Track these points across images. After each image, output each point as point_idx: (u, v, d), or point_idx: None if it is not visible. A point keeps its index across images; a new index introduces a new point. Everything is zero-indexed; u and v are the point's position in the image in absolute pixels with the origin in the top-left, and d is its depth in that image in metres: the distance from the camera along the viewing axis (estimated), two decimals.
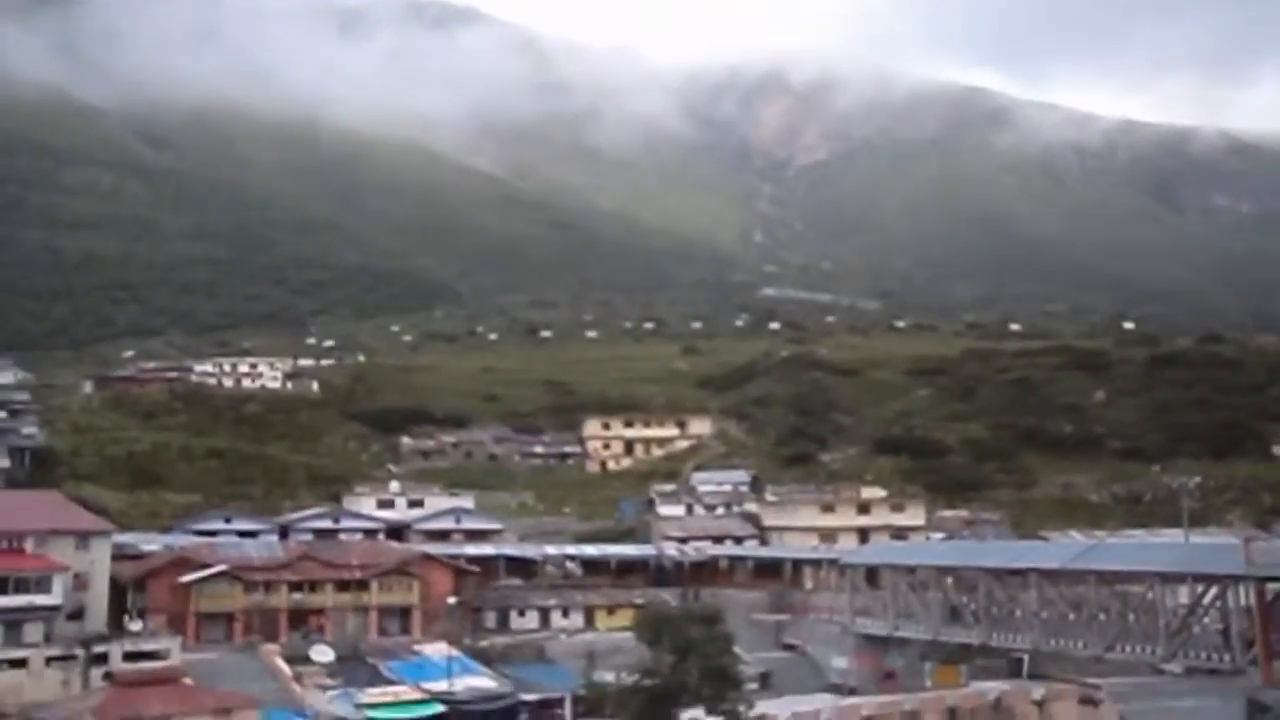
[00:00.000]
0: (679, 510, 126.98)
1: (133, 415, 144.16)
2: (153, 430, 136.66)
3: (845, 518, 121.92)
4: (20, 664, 70.08)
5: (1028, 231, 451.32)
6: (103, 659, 72.62)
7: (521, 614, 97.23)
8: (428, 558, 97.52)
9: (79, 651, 72.53)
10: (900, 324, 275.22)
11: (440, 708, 74.81)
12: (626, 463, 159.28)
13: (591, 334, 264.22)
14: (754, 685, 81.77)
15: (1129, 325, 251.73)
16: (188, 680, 71.34)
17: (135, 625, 78.86)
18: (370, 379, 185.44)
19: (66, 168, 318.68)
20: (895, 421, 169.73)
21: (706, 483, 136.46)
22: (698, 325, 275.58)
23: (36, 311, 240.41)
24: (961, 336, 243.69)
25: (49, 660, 71.26)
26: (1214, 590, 73.35)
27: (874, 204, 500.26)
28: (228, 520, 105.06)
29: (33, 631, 73.33)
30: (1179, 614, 77.30)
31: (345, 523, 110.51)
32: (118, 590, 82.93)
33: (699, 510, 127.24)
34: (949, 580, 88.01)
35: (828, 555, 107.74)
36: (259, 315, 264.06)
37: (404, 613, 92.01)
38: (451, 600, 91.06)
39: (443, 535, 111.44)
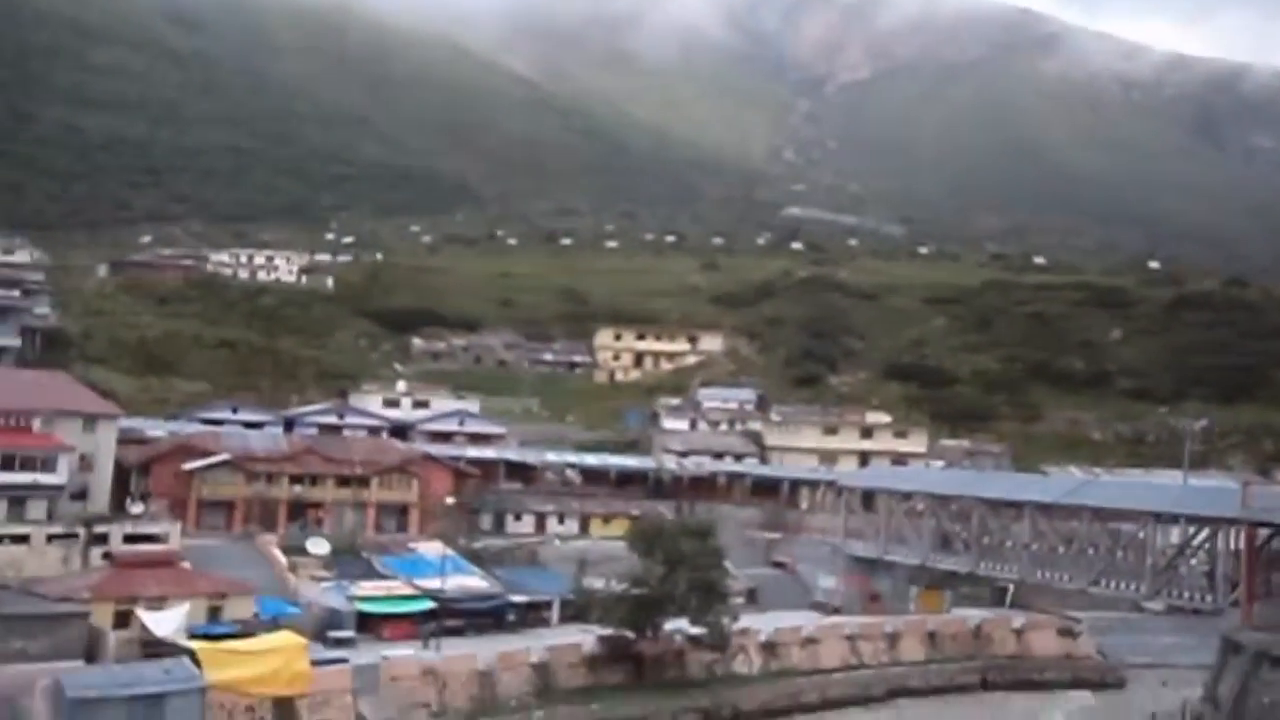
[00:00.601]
0: (683, 425, 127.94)
1: (146, 301, 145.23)
2: (166, 317, 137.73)
3: (847, 441, 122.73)
4: (22, 539, 71.31)
5: (1064, 163, 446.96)
6: (103, 539, 73.84)
7: (518, 518, 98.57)
8: (429, 458, 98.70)
9: (80, 530, 73.80)
10: (923, 251, 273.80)
11: (430, 604, 75.99)
12: (635, 375, 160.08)
13: (612, 244, 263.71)
14: (740, 600, 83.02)
15: (1154, 264, 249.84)
16: (185, 564, 72.30)
17: (137, 508, 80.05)
18: (385, 278, 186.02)
19: (96, 46, 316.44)
20: (908, 348, 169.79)
21: (712, 399, 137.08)
22: (719, 241, 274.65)
23: (55, 192, 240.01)
24: (984, 267, 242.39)
25: (50, 537, 72.57)
26: (1205, 532, 74.03)
27: (910, 127, 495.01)
28: (234, 410, 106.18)
29: (36, 509, 74.48)
30: (1167, 554, 78.10)
31: (350, 419, 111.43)
32: (122, 473, 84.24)
33: (703, 426, 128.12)
34: (943, 508, 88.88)
35: (825, 476, 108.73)
36: (279, 207, 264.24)
37: (402, 511, 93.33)
38: (449, 501, 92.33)
39: (446, 437, 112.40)
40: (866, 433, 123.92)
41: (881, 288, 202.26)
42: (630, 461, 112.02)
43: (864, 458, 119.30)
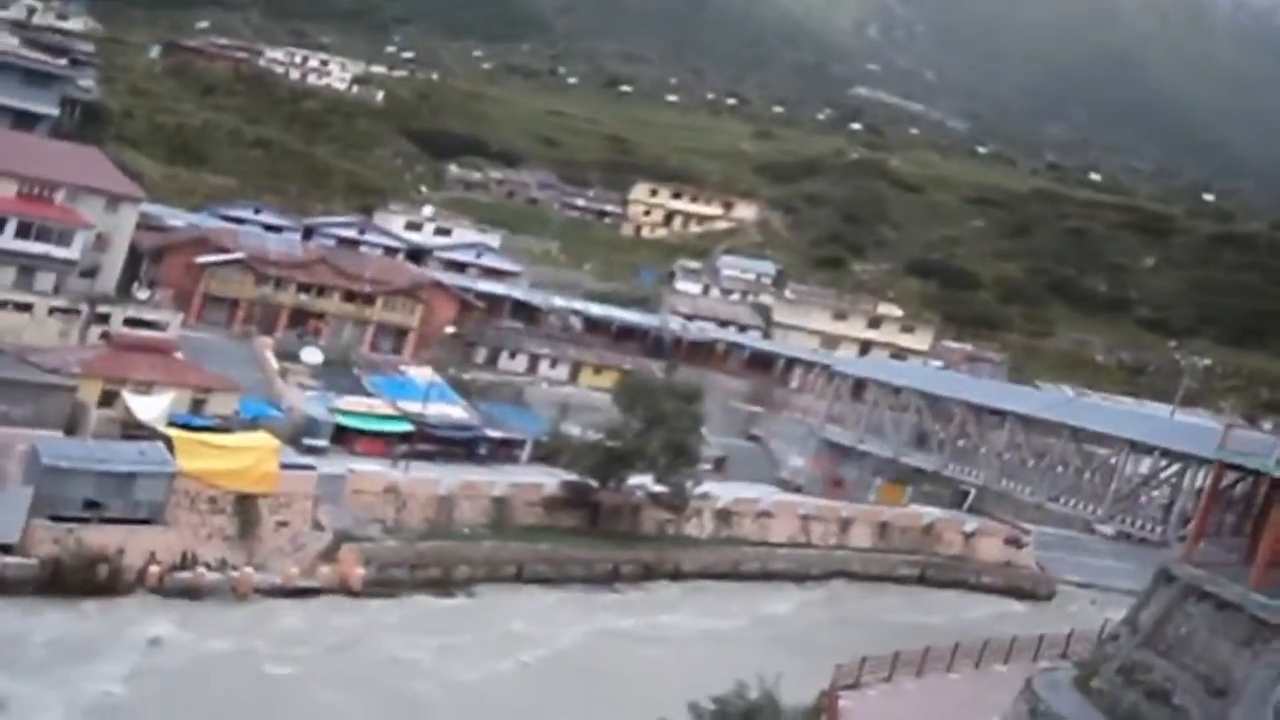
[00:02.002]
0: (695, 288, 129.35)
1: (192, 88, 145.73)
2: (208, 107, 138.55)
3: (853, 329, 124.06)
4: (26, 308, 73.12)
5: (1149, 79, 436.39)
6: (104, 319, 75.63)
7: (512, 356, 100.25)
8: (438, 285, 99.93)
9: (84, 307, 75.46)
10: (981, 150, 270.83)
11: (408, 426, 78.55)
12: (661, 233, 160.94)
13: (672, 98, 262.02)
14: (708, 466, 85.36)
15: (1208, 197, 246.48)
16: (179, 355, 74.23)
17: (142, 294, 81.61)
18: (436, 99, 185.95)
19: None
20: (938, 246, 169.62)
21: (731, 268, 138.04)
22: (779, 110, 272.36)
23: None
24: (1036, 175, 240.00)
25: (53, 310, 74.20)
26: (1175, 467, 75.60)
27: (1002, 22, 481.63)
28: (256, 211, 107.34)
29: (44, 280, 75.97)
30: (1133, 482, 79.86)
31: (369, 236, 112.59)
32: (134, 258, 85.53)
33: (715, 293, 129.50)
34: (928, 406, 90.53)
35: (821, 360, 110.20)
36: (344, 11, 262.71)
37: (400, 333, 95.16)
38: (449, 330, 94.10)
39: (460, 267, 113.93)
40: (874, 323, 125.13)
41: (928, 181, 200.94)
42: (634, 317, 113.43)
43: (865, 347, 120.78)
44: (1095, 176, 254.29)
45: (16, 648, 48.87)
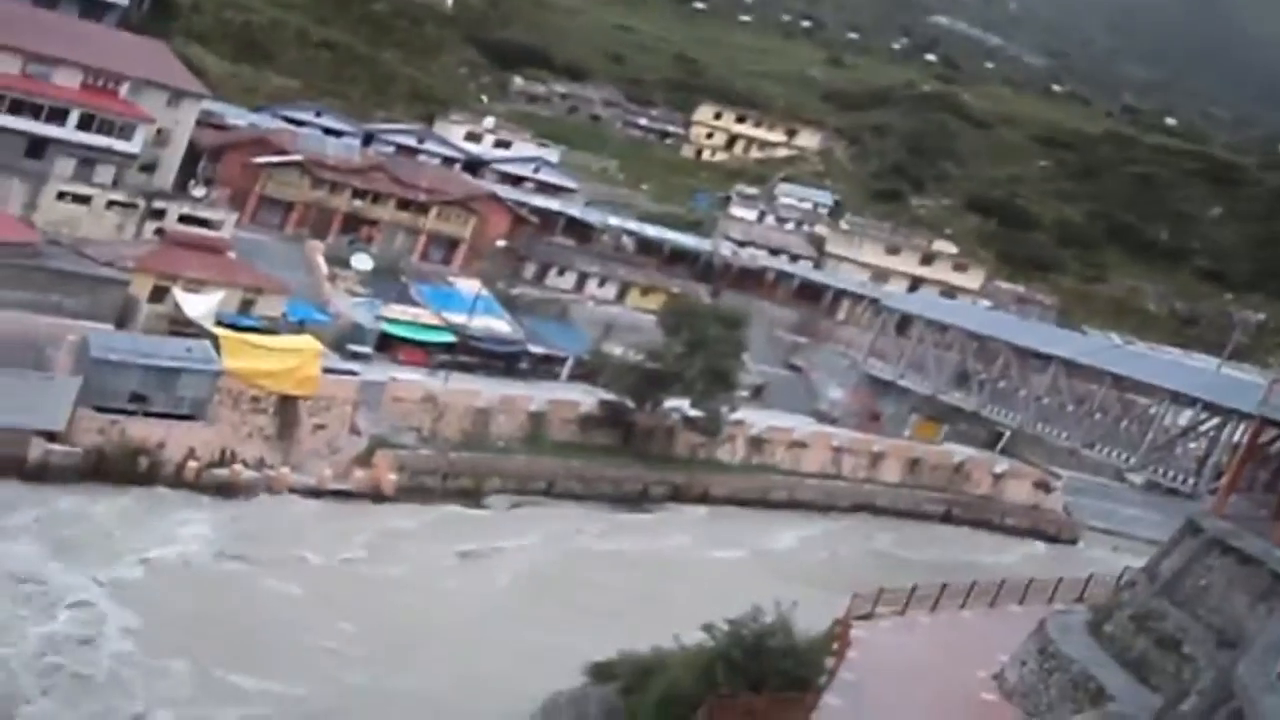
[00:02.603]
0: (751, 215, 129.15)
1: None
2: (276, 5, 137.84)
3: (906, 264, 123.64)
4: (84, 200, 74.15)
5: (1239, 22, 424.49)
6: (160, 215, 76.43)
7: (561, 273, 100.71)
8: (494, 198, 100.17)
9: (140, 202, 76.26)
10: (1057, 88, 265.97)
11: (451, 337, 79.68)
12: (722, 157, 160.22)
13: (745, 18, 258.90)
14: (746, 394, 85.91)
15: None
16: (231, 255, 75.36)
17: (199, 192, 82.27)
18: (505, 7, 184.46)
19: None
20: (1001, 185, 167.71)
21: (789, 195, 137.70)
22: (853, 36, 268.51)
23: None
24: (1110, 117, 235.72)
25: (111, 204, 75.13)
26: (1215, 420, 75.56)
27: None
28: (317, 114, 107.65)
29: (104, 173, 76.70)
30: (1170, 433, 79.93)
31: (428, 145, 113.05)
32: (193, 155, 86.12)
33: (770, 221, 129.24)
34: (973, 346, 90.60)
35: (870, 293, 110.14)
36: None
37: (452, 244, 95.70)
38: (500, 244, 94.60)
39: (516, 181, 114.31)
40: (927, 259, 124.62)
41: (998, 117, 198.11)
42: (687, 240, 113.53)
43: (915, 283, 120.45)
44: (1170, 122, 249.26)
45: (55, 530, 50.82)
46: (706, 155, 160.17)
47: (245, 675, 43.43)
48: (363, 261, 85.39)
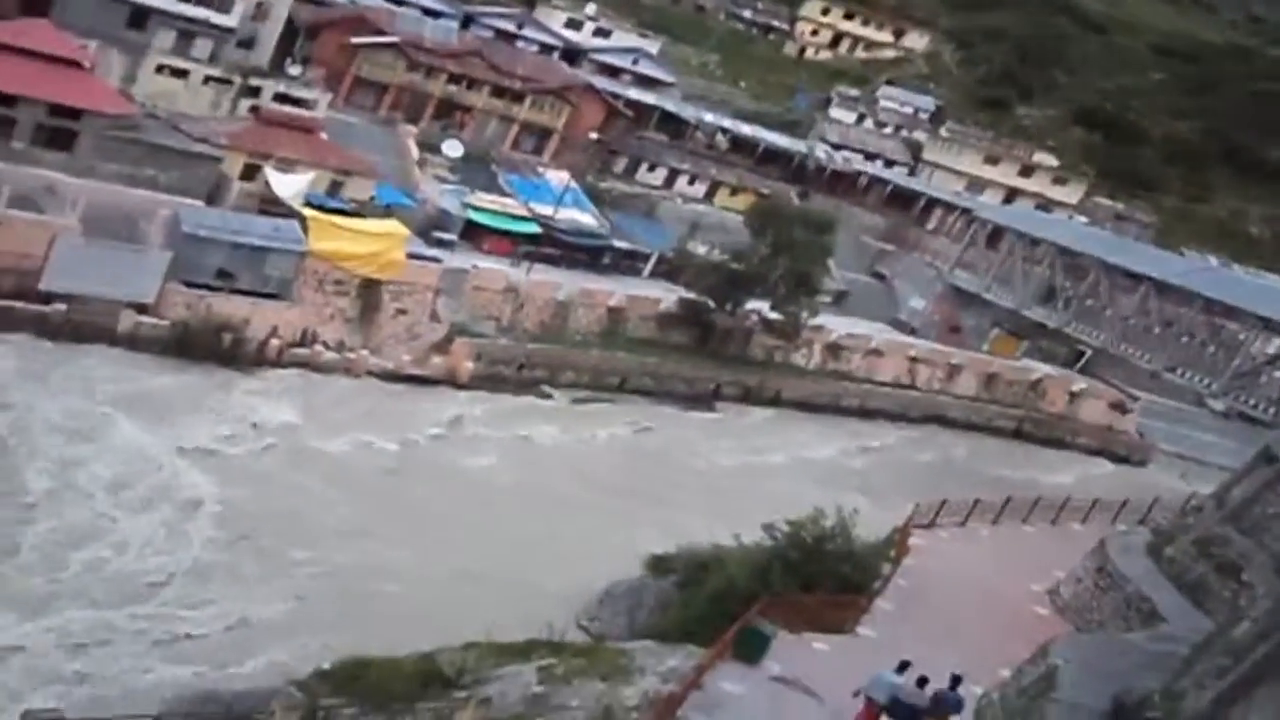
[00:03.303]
0: (849, 117, 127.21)
1: None
2: None
3: (1003, 175, 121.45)
4: (182, 74, 74.86)
5: None
6: (255, 92, 77.04)
7: (651, 169, 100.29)
8: (590, 89, 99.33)
9: (236, 79, 76.86)
10: None
11: (537, 229, 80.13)
12: (825, 55, 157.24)
13: None
14: (828, 299, 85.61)
15: None
16: (323, 135, 75.73)
17: (294, 70, 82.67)
18: None
19: None
20: (1111, 96, 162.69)
21: (891, 99, 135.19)
22: None
23: None
24: (1236, 28, 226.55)
25: (207, 79, 75.74)
26: None
27: None
28: None
29: (202, 47, 77.32)
30: (1257, 360, 78.55)
31: (527, 31, 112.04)
32: (290, 32, 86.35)
33: (868, 124, 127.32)
34: (1063, 262, 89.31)
35: (963, 203, 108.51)
36: None
37: (544, 134, 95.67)
38: (593, 136, 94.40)
39: (614, 72, 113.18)
40: (1026, 171, 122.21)
41: (1116, 23, 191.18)
42: (781, 140, 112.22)
43: (1011, 195, 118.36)
44: None
45: (139, 399, 52.59)
46: (810, 53, 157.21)
47: (303, 549, 44.88)
48: (453, 148, 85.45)
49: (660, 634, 36.60)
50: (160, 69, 74.28)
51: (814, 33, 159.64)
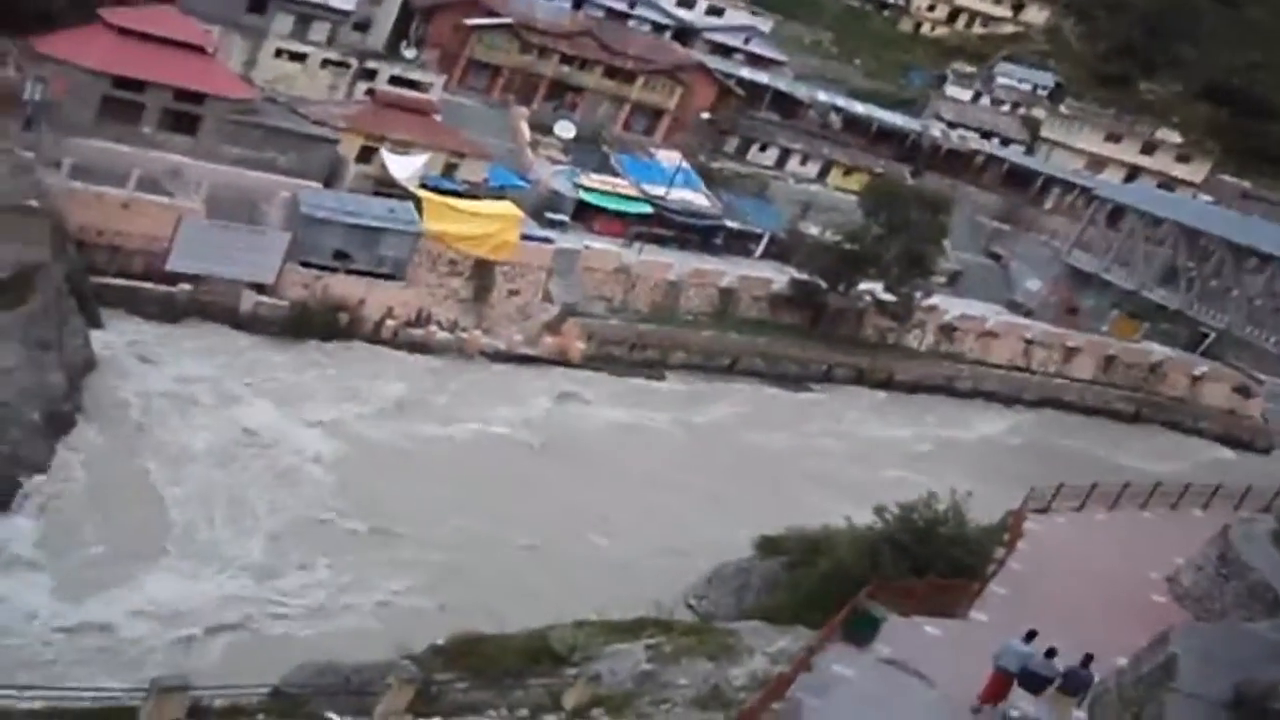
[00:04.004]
0: (965, 95, 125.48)
1: None
2: None
3: (1125, 152, 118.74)
4: (300, 58, 76.42)
5: None
6: (371, 75, 78.36)
7: (763, 148, 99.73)
8: (702, 68, 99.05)
9: (353, 62, 78.24)
10: None
11: (648, 209, 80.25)
12: (941, 32, 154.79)
13: None
14: (942, 279, 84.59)
15: None
16: (438, 118, 76.53)
17: (410, 53, 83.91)
18: None
19: None
20: (1240, 72, 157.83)
21: (1008, 76, 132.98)
22: None
23: None
24: None
25: (325, 62, 77.24)
26: None
27: None
28: None
29: (319, 31, 78.39)
30: None
31: (640, 10, 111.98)
32: (405, 15, 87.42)
33: (985, 101, 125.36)
34: (1186, 242, 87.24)
35: (1083, 181, 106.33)
36: None
37: (655, 115, 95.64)
38: (704, 116, 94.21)
39: (725, 51, 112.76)
40: (1148, 148, 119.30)
41: None
42: (896, 119, 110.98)
43: (1133, 173, 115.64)
44: None
45: (264, 377, 53.86)
46: (925, 29, 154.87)
47: (419, 525, 45.61)
48: (565, 129, 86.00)
49: (769, 615, 36.55)
50: (279, 53, 75.82)
51: (930, 8, 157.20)
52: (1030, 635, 26.00)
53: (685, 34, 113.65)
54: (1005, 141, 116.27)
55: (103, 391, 47.97)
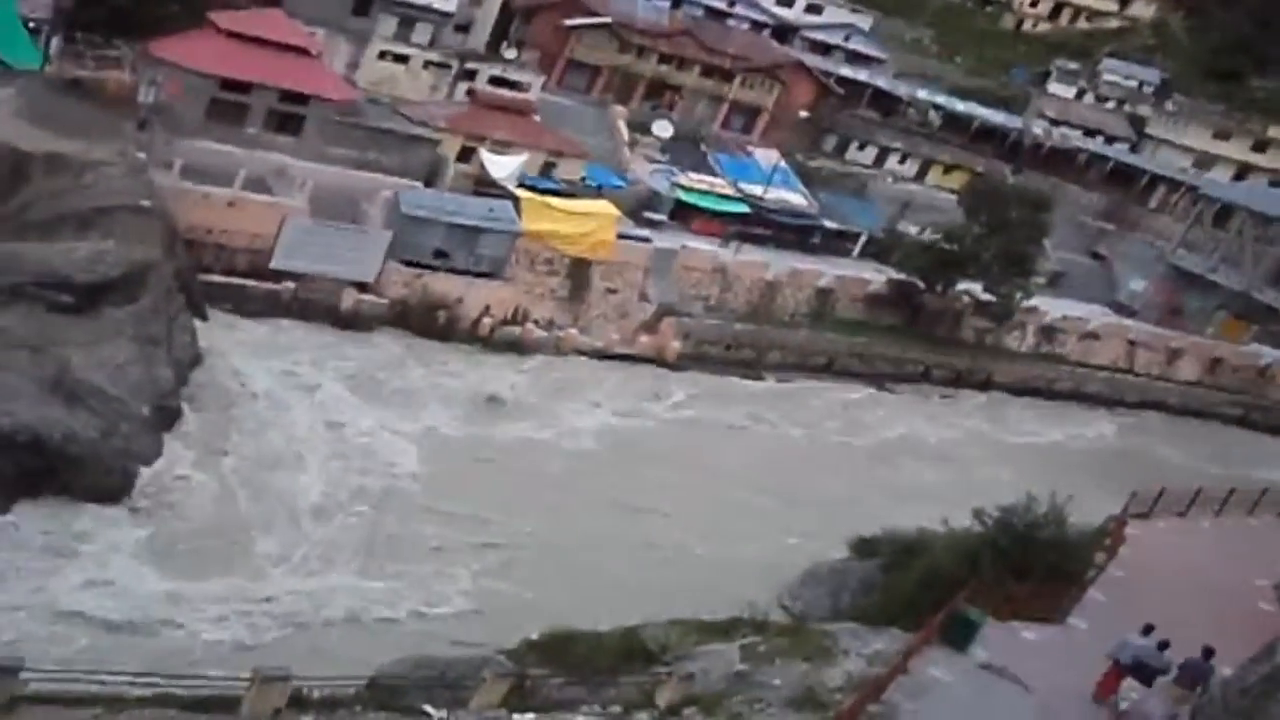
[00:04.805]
0: (1069, 92, 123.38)
1: None
2: None
3: (1235, 150, 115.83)
4: (402, 60, 77.47)
5: None
6: (471, 75, 79.13)
7: (861, 147, 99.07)
8: (801, 66, 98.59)
9: (454, 63, 79.15)
10: None
11: (746, 208, 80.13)
12: (1045, 28, 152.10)
13: None
14: (1042, 280, 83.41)
15: None
16: (536, 117, 77.12)
17: (510, 54, 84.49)
18: None
19: None
20: None
21: (1114, 72, 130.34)
22: None
23: None
24: None
25: (426, 64, 78.23)
26: None
27: None
28: None
29: (422, 33, 79.42)
30: None
31: (738, 9, 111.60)
32: (505, 16, 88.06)
33: (1088, 98, 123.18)
34: None
35: (1190, 179, 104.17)
36: None
37: (753, 113, 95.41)
38: (803, 115, 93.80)
39: (824, 49, 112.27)
40: (1260, 146, 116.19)
41: None
42: (997, 116, 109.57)
43: (1242, 171, 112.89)
44: None
45: (362, 374, 54.75)
46: (1028, 25, 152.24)
47: (514, 520, 46.07)
48: (663, 128, 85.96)
49: (864, 616, 36.37)
50: (382, 55, 76.96)
51: (1033, 4, 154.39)
52: (1148, 629, 26.20)
53: (784, 32, 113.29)
54: (1109, 139, 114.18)
55: (208, 386, 49.12)
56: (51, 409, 40.79)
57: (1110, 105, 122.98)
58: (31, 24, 58.80)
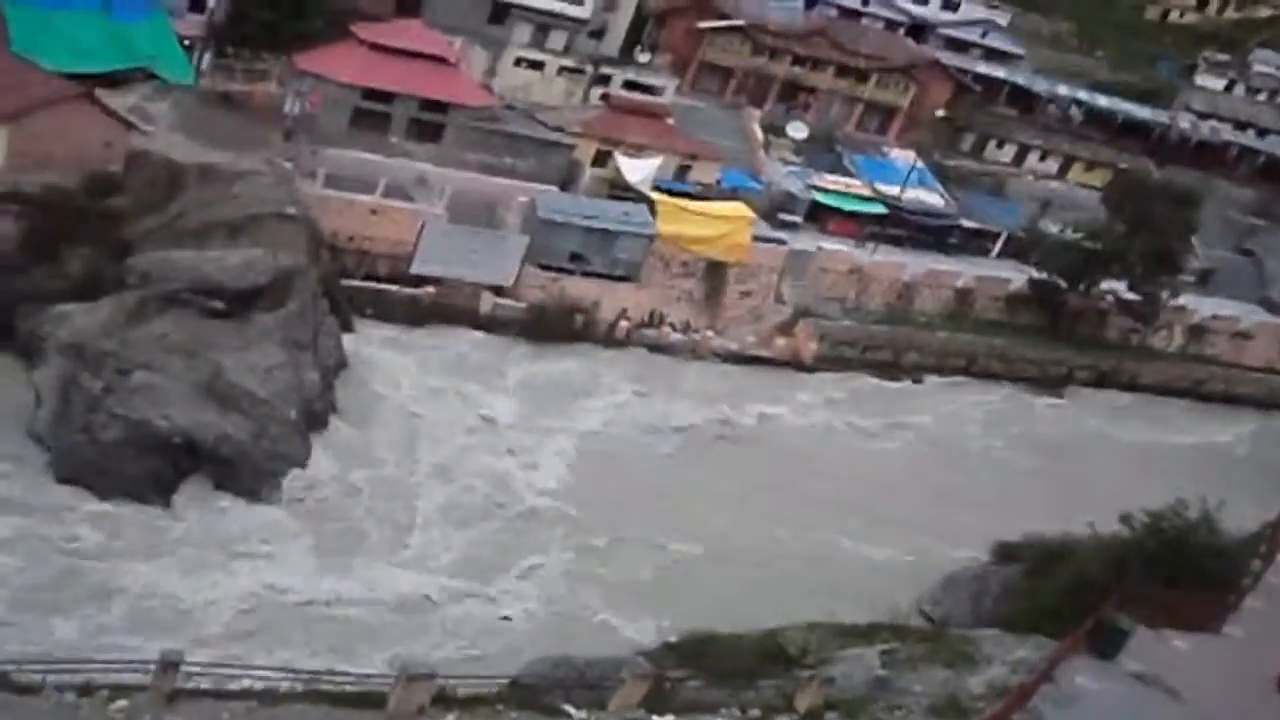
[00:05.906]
0: (1218, 84, 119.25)
1: None
2: None
3: None
4: (538, 66, 77.99)
5: None
6: (605, 80, 79.44)
7: (1000, 145, 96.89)
8: (936, 65, 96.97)
9: (588, 68, 79.53)
10: None
11: (882, 209, 79.17)
12: (1192, 18, 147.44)
13: None
14: (1191, 278, 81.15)
15: None
16: (670, 120, 76.98)
17: (643, 58, 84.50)
18: None
19: None
20: None
21: (1265, 63, 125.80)
22: None
23: None
24: None
25: (561, 69, 78.78)
26: None
27: None
28: None
29: (557, 39, 79.87)
30: None
31: (872, 7, 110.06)
32: (639, 20, 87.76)
33: (1239, 90, 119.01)
34: None
35: None
36: None
37: (888, 113, 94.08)
38: (939, 114, 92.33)
39: (961, 46, 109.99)
40: None
41: None
42: (1141, 111, 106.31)
43: None
44: None
45: (501, 377, 55.50)
46: (1174, 16, 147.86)
47: (656, 524, 46.27)
48: (798, 130, 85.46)
49: (1006, 623, 35.81)
50: (518, 62, 77.60)
51: None
52: None
53: (919, 30, 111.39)
54: (1262, 132, 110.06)
55: (353, 390, 50.27)
56: (205, 412, 42.27)
57: (1262, 97, 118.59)
58: (186, 41, 60.98)
